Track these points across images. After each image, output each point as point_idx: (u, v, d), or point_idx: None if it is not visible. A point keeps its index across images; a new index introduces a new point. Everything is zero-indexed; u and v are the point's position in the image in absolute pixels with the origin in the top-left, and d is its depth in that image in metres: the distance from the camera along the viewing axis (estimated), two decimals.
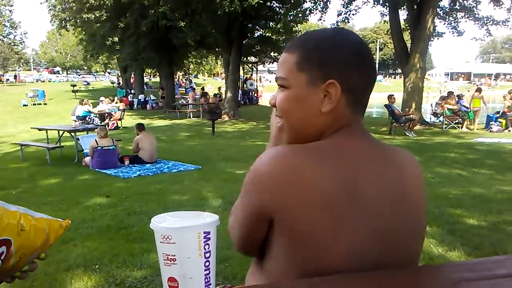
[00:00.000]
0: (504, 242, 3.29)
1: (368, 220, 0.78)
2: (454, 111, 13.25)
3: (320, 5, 16.42)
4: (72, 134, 8.46)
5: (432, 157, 7.50)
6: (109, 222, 3.91)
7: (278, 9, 17.80)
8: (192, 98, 21.34)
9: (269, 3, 17.14)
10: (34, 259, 0.91)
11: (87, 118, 14.40)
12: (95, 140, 7.03)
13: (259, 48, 20.66)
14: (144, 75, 32.45)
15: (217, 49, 21.64)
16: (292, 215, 0.76)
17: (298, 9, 16.80)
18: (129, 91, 26.99)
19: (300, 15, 16.80)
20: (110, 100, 17.31)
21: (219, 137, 11.40)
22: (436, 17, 15.27)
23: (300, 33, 1.07)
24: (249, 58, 24.41)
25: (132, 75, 29.46)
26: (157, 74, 31.39)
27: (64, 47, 60.38)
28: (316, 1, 16.39)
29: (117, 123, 15.14)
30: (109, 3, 16.70)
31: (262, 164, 0.80)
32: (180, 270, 0.70)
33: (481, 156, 7.71)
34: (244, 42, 18.73)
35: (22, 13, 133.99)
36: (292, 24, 17.19)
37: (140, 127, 7.73)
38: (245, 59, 23.50)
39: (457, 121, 13.27)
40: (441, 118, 14.05)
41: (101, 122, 14.35)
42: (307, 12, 16.71)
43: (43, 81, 36.40)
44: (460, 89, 29.92)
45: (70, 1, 20.10)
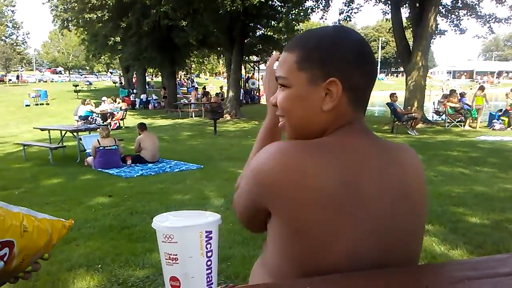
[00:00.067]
0: (507, 240, 3.28)
1: (369, 220, 0.77)
2: (457, 109, 13.21)
3: (322, 4, 16.40)
4: (74, 134, 8.48)
5: (435, 156, 7.49)
6: (112, 222, 3.93)
7: (280, 8, 17.77)
8: (194, 98, 21.38)
9: (271, 2, 17.10)
10: (38, 260, 0.91)
11: (89, 118, 14.40)
12: (97, 140, 7.05)
13: (261, 47, 20.61)
14: (146, 75, 32.49)
15: (219, 48, 21.63)
16: (293, 214, 0.76)
17: (300, 8, 16.74)
18: (131, 91, 27.06)
19: (302, 14, 16.71)
20: (112, 100, 17.31)
21: (221, 137, 11.39)
22: (438, 15, 15.23)
23: (302, 32, 1.06)
24: (251, 57, 24.38)
25: (134, 75, 29.46)
26: (159, 74, 31.37)
27: (66, 47, 60.57)
28: (318, 0, 16.38)
29: (119, 123, 15.16)
30: (111, 3, 16.74)
31: (264, 159, 0.80)
32: (182, 270, 0.70)
33: (484, 154, 7.69)
34: (246, 41, 18.70)
35: (24, 14, 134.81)
36: (294, 23, 17.13)
37: (142, 127, 7.75)
38: (247, 58, 23.45)
39: (460, 119, 13.24)
40: (444, 117, 14.00)
41: (103, 122, 14.38)
42: (309, 11, 16.65)
43: (46, 81, 36.59)
44: (463, 87, 29.74)
45: (72, 1, 20.11)
